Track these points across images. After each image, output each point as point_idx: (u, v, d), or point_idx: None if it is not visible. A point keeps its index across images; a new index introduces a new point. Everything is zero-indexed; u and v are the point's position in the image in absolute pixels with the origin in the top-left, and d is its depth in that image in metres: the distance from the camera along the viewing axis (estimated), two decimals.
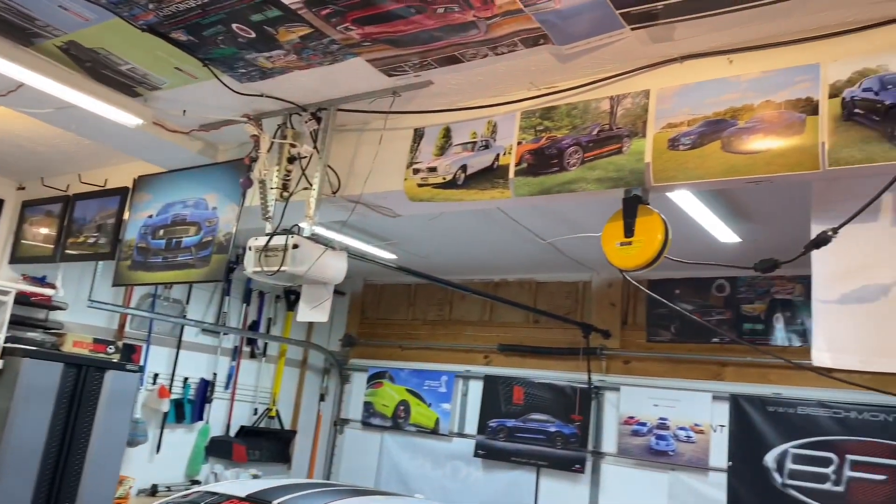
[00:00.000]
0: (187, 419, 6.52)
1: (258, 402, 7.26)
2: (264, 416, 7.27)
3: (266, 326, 7.37)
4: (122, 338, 6.04)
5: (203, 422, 6.68)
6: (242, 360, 7.12)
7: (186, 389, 6.55)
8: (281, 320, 7.57)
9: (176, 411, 6.42)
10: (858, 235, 2.46)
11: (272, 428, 7.30)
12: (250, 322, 7.21)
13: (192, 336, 6.68)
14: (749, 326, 5.55)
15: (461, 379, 6.86)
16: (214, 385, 6.78)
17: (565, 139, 2.86)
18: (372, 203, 3.53)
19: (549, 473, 6.09)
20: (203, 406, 6.66)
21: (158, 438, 6.29)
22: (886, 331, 2.35)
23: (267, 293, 7.38)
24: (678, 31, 2.50)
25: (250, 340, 7.21)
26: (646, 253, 2.66)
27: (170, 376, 6.42)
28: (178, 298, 6.54)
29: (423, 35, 2.68)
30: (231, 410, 6.98)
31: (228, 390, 6.97)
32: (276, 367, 7.49)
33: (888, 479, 4.64)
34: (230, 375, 6.98)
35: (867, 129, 2.20)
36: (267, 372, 7.40)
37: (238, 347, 7.08)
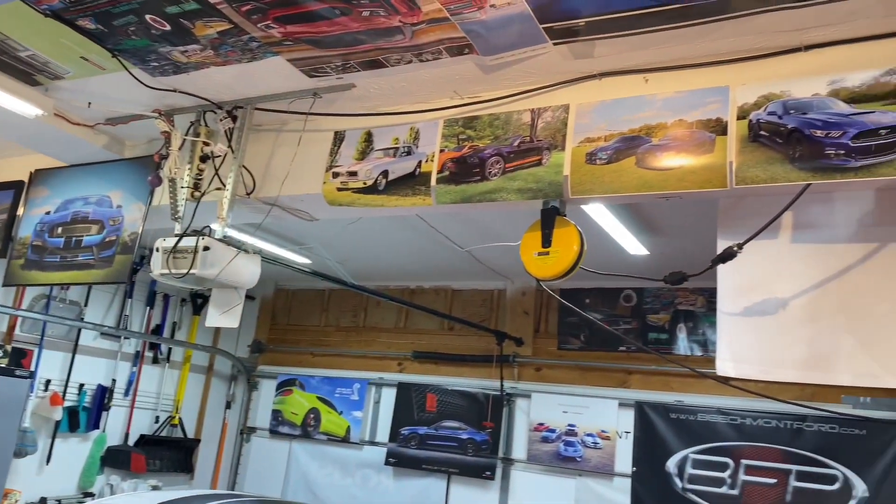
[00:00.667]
0: (82, 428, 6.15)
1: (160, 410, 6.94)
2: (166, 424, 6.96)
3: (171, 331, 7.07)
4: (11, 341, 5.65)
5: (99, 430, 6.32)
6: (144, 366, 6.80)
7: (82, 396, 6.18)
8: (187, 325, 7.28)
9: (69, 419, 6.05)
10: (760, 252, 2.59)
11: (174, 437, 7.01)
12: (154, 326, 6.89)
13: (90, 340, 6.32)
14: (654, 336, 5.76)
15: (374, 386, 6.79)
16: (113, 392, 6.43)
17: (487, 149, 2.88)
18: (288, 206, 3.45)
19: (459, 481, 6.11)
20: (100, 414, 6.31)
21: (49, 449, 5.91)
22: (783, 342, 2.48)
23: (172, 296, 7.09)
24: (598, 49, 2.57)
25: (153, 345, 6.90)
26: (562, 263, 2.72)
27: (64, 382, 6.04)
28: (76, 300, 6.17)
29: (347, 37, 2.64)
30: (130, 418, 6.64)
31: (128, 397, 6.63)
32: (180, 373, 7.19)
33: (778, 482, 4.91)
34: (130, 382, 6.65)
35: (771, 151, 2.32)
36: (170, 378, 7.09)
37: (140, 352, 6.75)
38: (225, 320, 3.27)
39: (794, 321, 2.49)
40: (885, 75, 2.23)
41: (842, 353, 2.41)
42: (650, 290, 5.85)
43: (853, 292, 2.44)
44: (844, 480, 4.72)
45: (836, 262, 2.49)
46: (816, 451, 4.84)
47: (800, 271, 2.53)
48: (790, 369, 2.47)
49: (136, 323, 6.72)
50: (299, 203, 3.40)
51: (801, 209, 2.57)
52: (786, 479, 4.90)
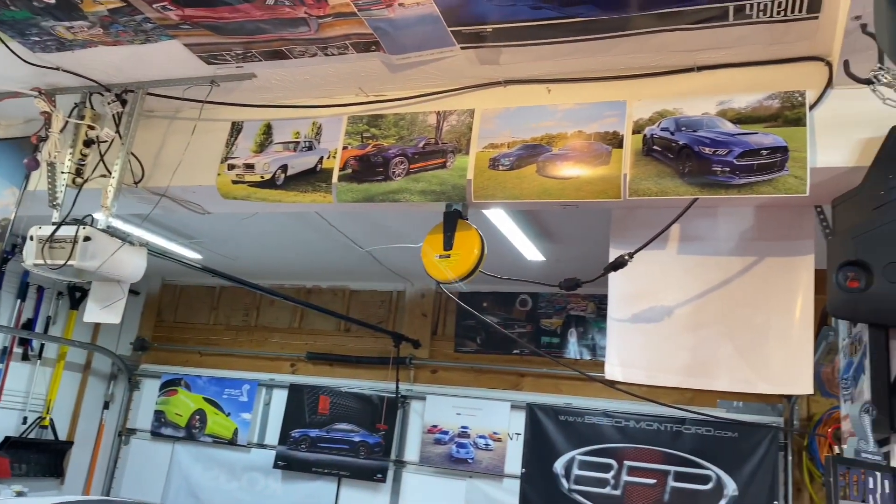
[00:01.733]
0: None
1: (29, 410, 6.45)
2: (35, 425, 6.48)
3: (44, 325, 6.60)
4: None
5: None
6: (12, 363, 6.30)
7: None
8: (63, 319, 6.81)
9: None
10: (649, 261, 2.70)
11: (44, 439, 6.53)
12: (25, 320, 6.41)
13: None
14: (546, 340, 5.91)
15: (264, 388, 6.60)
16: None
17: (392, 148, 2.85)
18: (179, 197, 3.29)
19: (350, 483, 6.03)
20: None
21: None
22: (668, 349, 2.60)
23: (48, 288, 6.61)
24: (504, 56, 2.59)
25: (23, 341, 6.41)
26: (463, 266, 2.73)
27: None
28: None
29: (250, 25, 2.55)
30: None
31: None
32: (53, 370, 6.72)
33: (657, 482, 5.14)
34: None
35: (663, 165, 2.42)
36: (42, 376, 6.61)
37: (8, 348, 6.26)
38: (105, 315, 3.08)
39: (679, 329, 2.61)
40: (767, 99, 2.38)
41: (721, 360, 2.55)
42: (544, 295, 5.99)
43: (733, 303, 2.58)
44: (717, 480, 5.01)
45: (718, 274, 2.62)
46: (693, 452, 5.11)
47: (685, 281, 2.66)
48: (674, 374, 2.58)
49: (5, 316, 6.22)
50: (191, 195, 3.25)
51: (688, 222, 2.70)
52: (665, 479, 5.13)
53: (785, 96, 2.36)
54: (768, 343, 2.49)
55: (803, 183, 2.24)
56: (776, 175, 2.28)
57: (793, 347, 2.44)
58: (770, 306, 2.52)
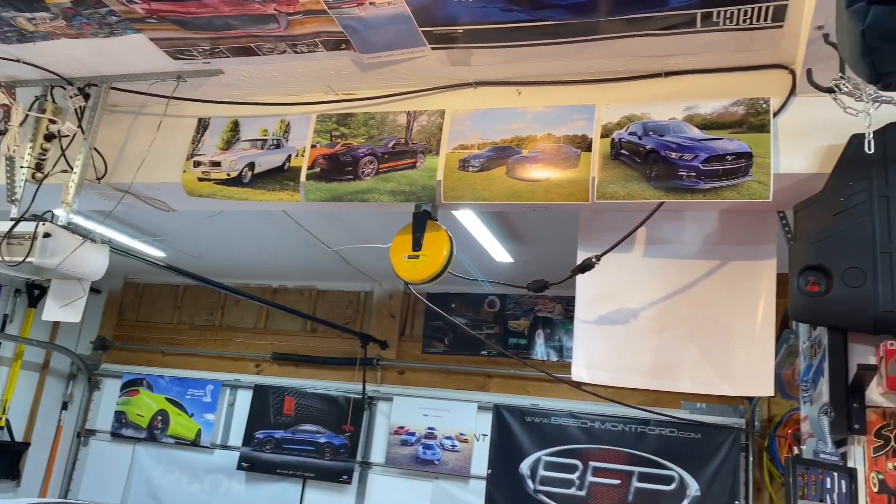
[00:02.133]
0: None
1: None
2: None
3: (1, 324, 6.42)
4: None
5: None
6: None
7: None
8: (20, 317, 6.64)
9: None
10: (616, 264, 2.73)
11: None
12: None
13: None
14: (514, 341, 5.93)
15: (229, 388, 6.51)
16: None
17: (361, 148, 2.83)
18: (143, 194, 3.23)
19: (315, 485, 5.98)
20: None
21: None
22: (633, 351, 2.63)
23: (4, 286, 6.45)
24: (475, 58, 2.60)
25: None
26: (432, 267, 2.72)
27: None
28: None
29: (218, 21, 2.51)
30: None
31: None
32: (9, 370, 6.54)
33: (622, 483, 5.19)
34: None
35: (630, 169, 2.45)
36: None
37: None
38: (65, 314, 3.01)
39: (644, 331, 2.64)
40: (733, 105, 2.42)
41: (685, 362, 2.58)
42: (512, 296, 6.02)
43: (697, 305, 2.62)
44: (680, 481, 5.07)
45: (683, 277, 2.66)
46: (657, 453, 5.17)
47: (651, 284, 2.69)
48: (638, 376, 2.61)
49: None
50: (155, 192, 3.20)
51: (655, 225, 2.73)
52: (629, 480, 5.19)
53: (750, 103, 2.40)
54: (731, 345, 2.53)
55: (767, 188, 2.29)
56: (741, 180, 2.32)
57: (754, 350, 2.48)
58: (733, 309, 2.56)
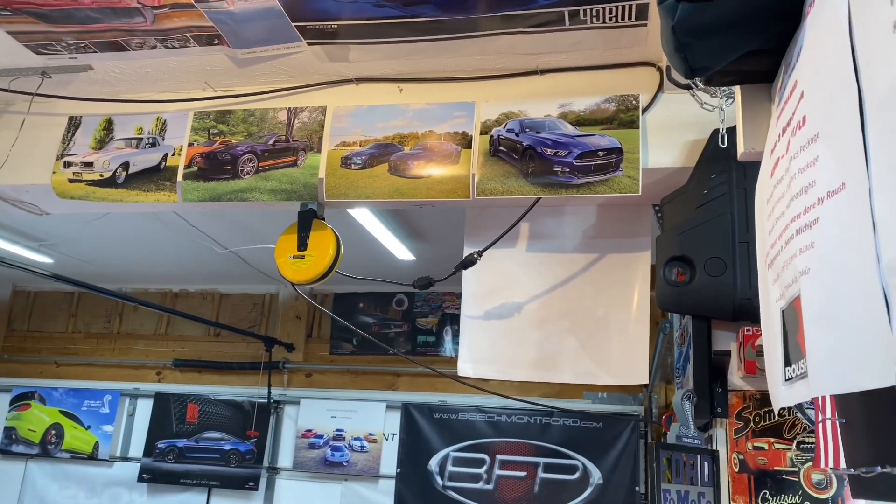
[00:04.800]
0: None
1: None
2: None
3: None
4: None
5: None
6: None
7: None
8: None
9: None
10: (500, 259, 2.76)
11: None
12: None
13: None
14: (423, 339, 5.94)
15: (128, 398, 6.25)
16: None
17: (240, 146, 2.76)
18: (11, 197, 3.05)
19: (221, 493, 5.82)
20: None
21: None
22: (518, 344, 2.66)
23: None
24: (353, 54, 2.57)
25: None
26: (317, 267, 2.68)
27: None
28: None
29: (79, 14, 2.39)
30: None
31: None
32: None
33: (528, 475, 5.28)
34: None
35: (508, 165, 2.48)
36: None
37: None
38: None
39: (527, 324, 2.68)
40: (604, 102, 2.48)
41: (566, 353, 2.64)
42: (420, 294, 6.02)
43: (577, 298, 2.67)
44: (583, 469, 5.20)
45: (563, 271, 2.71)
46: (561, 443, 5.28)
47: (533, 278, 2.73)
48: (522, 369, 2.65)
49: None
50: (24, 194, 3.02)
51: (537, 221, 2.78)
52: (535, 471, 5.28)
53: (621, 99, 2.47)
54: (608, 336, 2.60)
55: (636, 183, 2.36)
56: (612, 175, 2.38)
57: (630, 339, 2.56)
58: (609, 301, 2.63)
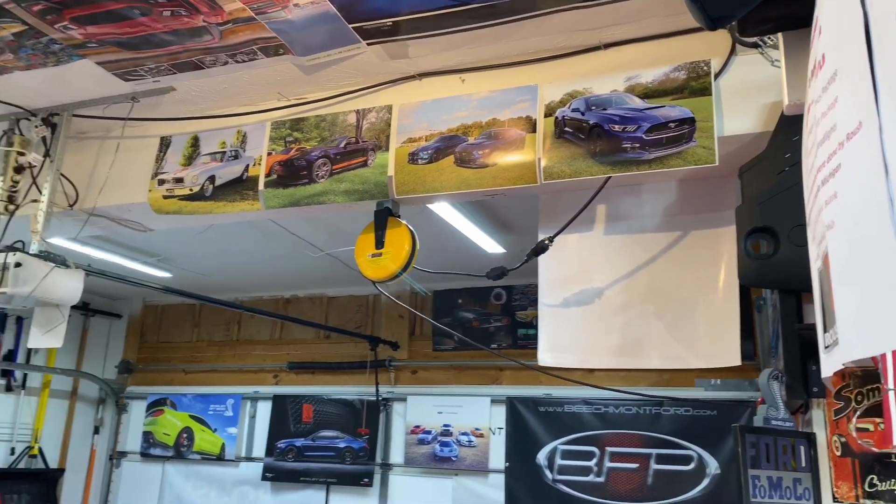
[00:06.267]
0: None
1: (16, 441, 6.47)
2: (24, 455, 6.50)
3: (26, 355, 6.61)
4: None
5: None
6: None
7: None
8: (44, 349, 6.82)
9: None
10: (577, 244, 2.68)
11: (34, 468, 6.55)
12: (6, 351, 6.43)
13: None
14: (523, 332, 5.88)
15: (249, 401, 6.59)
16: None
17: (314, 151, 2.84)
18: (116, 216, 3.28)
19: (338, 490, 6.01)
20: None
21: None
22: (598, 331, 2.57)
23: (26, 318, 6.63)
24: (413, 49, 2.58)
25: (6, 372, 6.42)
26: (394, 264, 2.71)
27: None
28: None
29: (154, 38, 2.54)
30: None
31: None
32: (38, 399, 6.73)
33: (640, 466, 5.10)
34: None
35: (575, 146, 2.40)
36: (28, 406, 6.63)
37: None
38: (48, 340, 3.07)
39: (608, 310, 2.58)
40: (673, 71, 2.35)
41: (651, 338, 2.52)
42: (518, 287, 5.96)
43: (660, 279, 2.55)
44: (699, 460, 4.97)
45: (644, 252, 2.60)
46: (673, 433, 5.07)
47: (613, 262, 2.63)
48: (605, 356, 2.56)
49: None
50: (127, 213, 3.25)
51: (614, 201, 2.68)
52: (647, 462, 5.10)
53: (690, 67, 2.33)
54: (695, 317, 2.46)
55: (712, 153, 2.22)
56: (685, 147, 2.25)
57: (718, 320, 2.41)
58: (695, 280, 2.49)
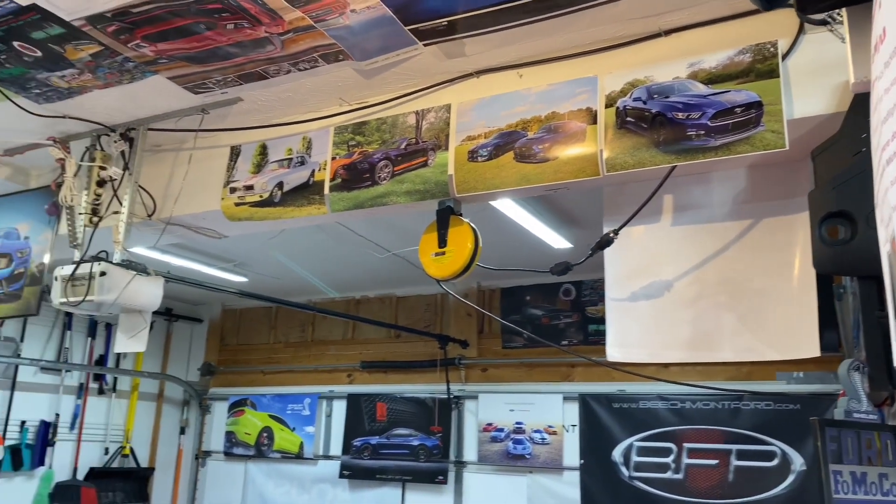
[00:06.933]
0: (26, 465, 6.02)
1: (109, 441, 6.82)
2: (117, 455, 6.84)
3: (115, 360, 6.96)
4: None
5: (45, 467, 6.19)
6: (90, 398, 6.68)
7: (24, 434, 6.06)
8: (132, 353, 7.16)
9: (12, 458, 5.92)
10: (643, 236, 2.63)
11: (127, 467, 6.89)
12: (97, 356, 6.78)
13: (30, 376, 6.19)
14: (594, 328, 5.79)
15: (325, 400, 6.74)
16: (57, 426, 6.31)
17: (376, 153, 2.88)
18: (192, 224, 3.42)
19: (414, 487, 6.08)
20: (44, 450, 6.18)
21: None
22: (668, 324, 2.51)
23: (114, 325, 6.97)
24: (469, 47, 2.58)
25: (98, 376, 6.78)
26: (458, 262, 2.73)
27: (3, 421, 5.92)
28: (11, 336, 6.04)
29: (220, 51, 2.63)
30: (78, 452, 6.51)
31: (74, 431, 6.50)
32: (128, 402, 7.08)
33: (720, 462, 4.96)
34: (76, 415, 6.52)
35: (638, 136, 2.36)
36: (119, 408, 6.98)
37: (84, 384, 6.63)
38: (133, 345, 3.22)
39: (678, 303, 2.52)
40: (738, 55, 2.28)
41: (724, 330, 2.45)
42: (588, 282, 5.89)
43: (731, 270, 2.47)
44: (782, 456, 4.79)
45: (714, 242, 2.52)
46: (754, 428, 4.90)
47: (682, 253, 2.57)
48: (676, 350, 2.50)
49: (78, 355, 6.60)
50: (202, 221, 3.37)
51: (681, 191, 2.61)
52: (727, 458, 4.95)
53: (756, 49, 2.25)
54: (769, 307, 2.37)
55: (781, 137, 2.14)
56: (752, 132, 2.18)
57: (794, 310, 2.32)
58: (768, 269, 2.40)
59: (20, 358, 6.01)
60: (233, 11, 2.36)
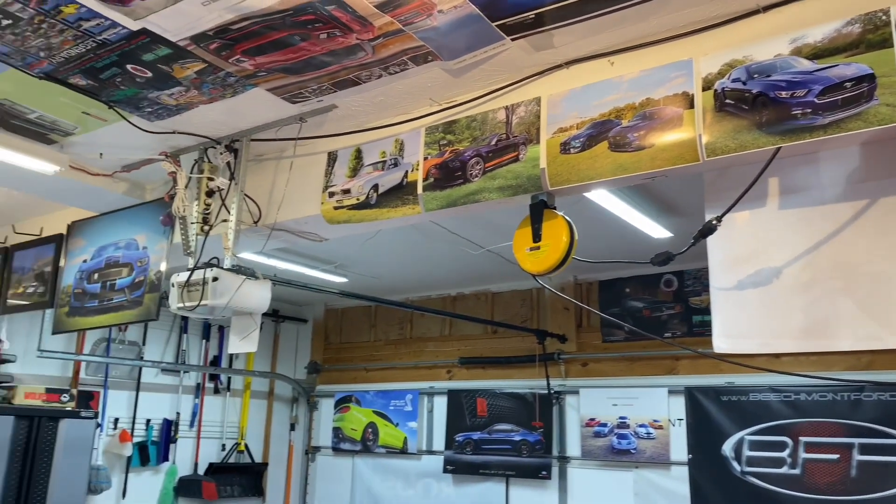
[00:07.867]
0: (152, 461, 6.45)
1: (226, 438, 7.20)
2: (233, 450, 7.20)
3: (228, 361, 7.33)
4: (77, 385, 5.98)
5: (169, 462, 6.61)
6: (206, 397, 7.07)
7: (149, 431, 6.49)
8: (243, 354, 7.52)
9: (140, 454, 6.35)
10: (749, 221, 2.52)
11: (242, 462, 7.24)
12: (211, 358, 7.17)
13: (152, 377, 6.62)
14: (699, 319, 5.61)
15: (426, 396, 6.85)
16: (178, 424, 6.72)
17: (467, 151, 2.90)
18: (295, 229, 3.55)
19: (517, 482, 6.09)
20: (168, 447, 6.60)
21: (124, 484, 6.22)
22: (780, 313, 2.40)
23: (226, 328, 7.34)
24: (557, 38, 2.55)
25: (213, 376, 7.16)
26: (553, 256, 2.70)
27: (131, 419, 6.36)
28: (134, 340, 6.49)
29: (314, 61, 2.72)
30: (198, 448, 6.91)
31: (193, 428, 6.91)
32: (241, 400, 7.44)
33: (841, 457, 4.69)
34: (194, 413, 6.93)
35: (738, 119, 2.26)
36: (233, 406, 7.35)
37: (200, 384, 7.03)
38: (244, 345, 3.38)
39: (789, 289, 2.40)
40: (845, 26, 2.15)
41: (841, 317, 2.31)
42: (690, 272, 5.70)
43: (847, 253, 2.33)
44: None
45: (826, 225, 2.39)
46: (878, 421, 4.61)
47: (791, 238, 2.44)
48: (789, 340, 2.38)
49: (194, 356, 7.00)
50: (304, 225, 3.50)
51: (787, 173, 2.49)
52: (849, 453, 4.68)
53: (865, 18, 2.12)
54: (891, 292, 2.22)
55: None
56: (865, 106, 2.05)
57: None
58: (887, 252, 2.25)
59: (143, 360, 6.43)
60: (325, 21, 2.44)
